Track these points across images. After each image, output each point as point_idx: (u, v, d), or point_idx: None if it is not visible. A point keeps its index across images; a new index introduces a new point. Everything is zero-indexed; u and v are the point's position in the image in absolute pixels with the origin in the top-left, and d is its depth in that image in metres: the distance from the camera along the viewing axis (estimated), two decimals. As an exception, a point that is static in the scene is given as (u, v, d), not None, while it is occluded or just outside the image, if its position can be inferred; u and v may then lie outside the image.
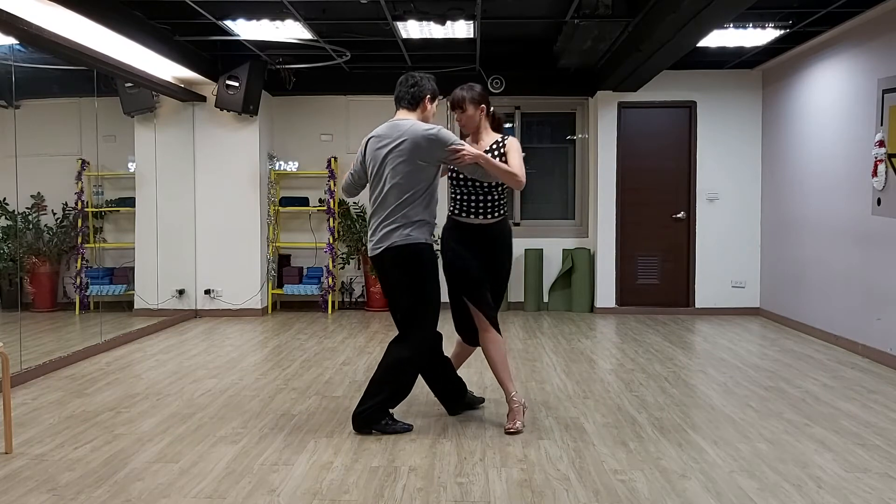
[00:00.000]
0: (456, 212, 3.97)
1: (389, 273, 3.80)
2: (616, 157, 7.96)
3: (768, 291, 7.68)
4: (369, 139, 3.83)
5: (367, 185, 3.89)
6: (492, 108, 4.04)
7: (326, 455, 3.46)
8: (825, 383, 4.85)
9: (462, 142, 3.76)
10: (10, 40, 4.99)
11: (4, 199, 7.13)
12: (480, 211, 3.91)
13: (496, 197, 3.91)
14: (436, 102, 3.90)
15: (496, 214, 3.94)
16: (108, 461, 3.38)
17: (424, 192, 3.72)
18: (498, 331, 3.90)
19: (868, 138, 5.63)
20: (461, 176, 3.89)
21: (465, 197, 3.92)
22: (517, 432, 3.76)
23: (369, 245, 3.83)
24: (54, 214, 7.73)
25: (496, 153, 3.87)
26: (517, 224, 8.32)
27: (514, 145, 3.88)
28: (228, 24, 5.98)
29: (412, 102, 3.80)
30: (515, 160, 3.81)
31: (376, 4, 5.49)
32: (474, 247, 3.92)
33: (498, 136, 3.98)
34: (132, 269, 7.56)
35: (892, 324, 5.35)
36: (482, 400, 4.32)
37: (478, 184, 3.86)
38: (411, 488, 3.06)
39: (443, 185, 4.16)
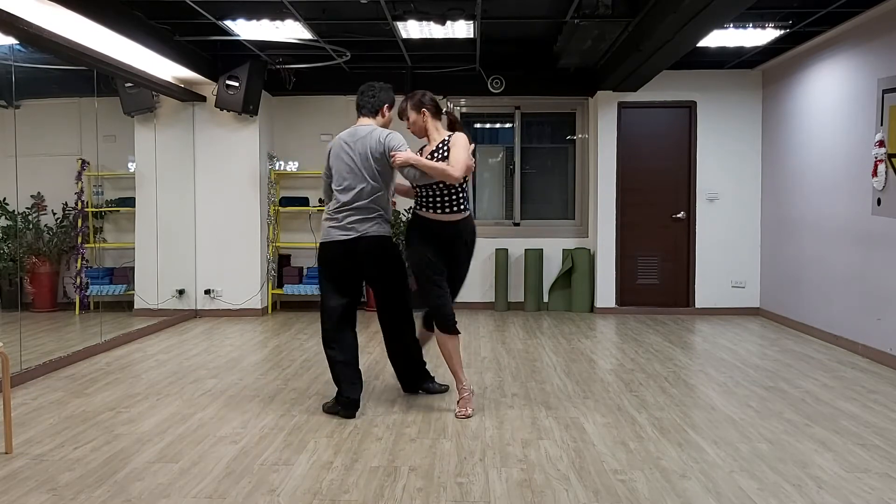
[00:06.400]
0: (419, 208, 4.19)
1: (364, 260, 4.07)
2: (616, 157, 7.96)
3: (768, 291, 7.68)
4: (333, 145, 4.17)
5: (332, 184, 4.16)
6: (444, 110, 4.32)
7: (326, 455, 3.46)
8: (825, 383, 4.85)
9: (402, 148, 4.05)
10: (10, 40, 4.99)
11: (4, 199, 7.13)
12: (440, 206, 4.11)
13: (453, 192, 4.11)
14: (393, 110, 4.27)
15: (456, 209, 4.12)
16: (108, 461, 3.38)
17: (386, 190, 4.13)
18: (448, 330, 4.08)
19: (868, 138, 5.63)
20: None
21: (428, 192, 4.13)
22: (466, 417, 4.04)
23: (337, 233, 4.06)
24: (54, 214, 7.73)
25: (443, 151, 4.09)
26: (517, 224, 8.33)
27: (457, 140, 4.08)
28: (228, 24, 5.98)
29: (373, 110, 4.18)
30: (456, 153, 4.01)
31: (376, 4, 5.49)
32: (436, 242, 4.13)
33: (447, 135, 4.18)
34: (132, 269, 7.56)
35: (892, 324, 5.35)
36: (446, 388, 4.54)
37: (438, 182, 4.07)
38: (411, 488, 3.06)
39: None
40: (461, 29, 6.17)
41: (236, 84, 7.19)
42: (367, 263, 4.11)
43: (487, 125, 8.78)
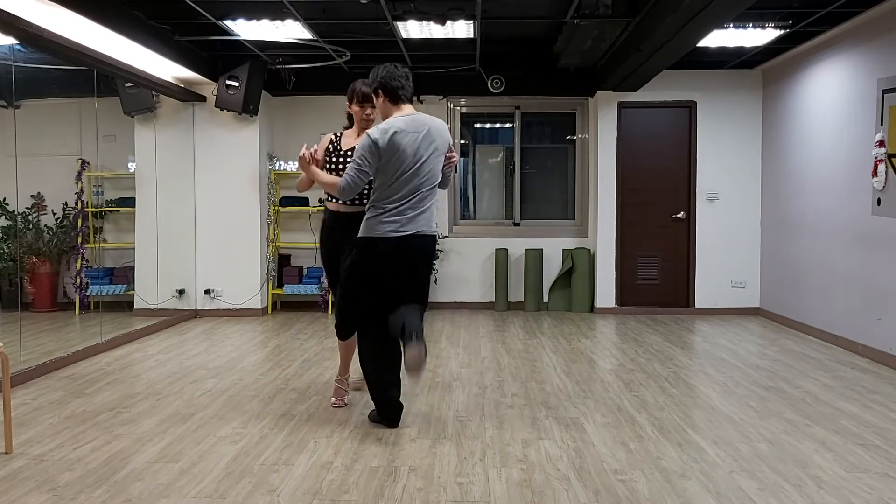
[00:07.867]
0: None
1: (417, 258, 3.81)
2: (616, 157, 7.96)
3: (768, 291, 7.68)
4: (397, 132, 3.61)
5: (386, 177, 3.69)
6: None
7: (326, 455, 3.46)
8: (825, 383, 4.85)
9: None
10: (10, 40, 4.99)
11: (4, 199, 7.13)
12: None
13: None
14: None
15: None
16: (108, 461, 3.38)
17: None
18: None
19: (868, 138, 5.63)
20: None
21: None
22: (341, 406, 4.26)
23: (390, 228, 3.68)
24: (54, 214, 7.74)
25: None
26: (517, 224, 8.33)
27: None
28: (228, 24, 5.98)
29: (411, 98, 3.82)
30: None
31: (376, 4, 5.49)
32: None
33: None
34: (132, 269, 7.57)
35: (892, 324, 5.35)
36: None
37: None
38: (411, 488, 3.06)
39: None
40: (461, 29, 6.17)
41: (236, 84, 7.19)
42: (419, 261, 3.82)
43: (487, 125, 8.78)
